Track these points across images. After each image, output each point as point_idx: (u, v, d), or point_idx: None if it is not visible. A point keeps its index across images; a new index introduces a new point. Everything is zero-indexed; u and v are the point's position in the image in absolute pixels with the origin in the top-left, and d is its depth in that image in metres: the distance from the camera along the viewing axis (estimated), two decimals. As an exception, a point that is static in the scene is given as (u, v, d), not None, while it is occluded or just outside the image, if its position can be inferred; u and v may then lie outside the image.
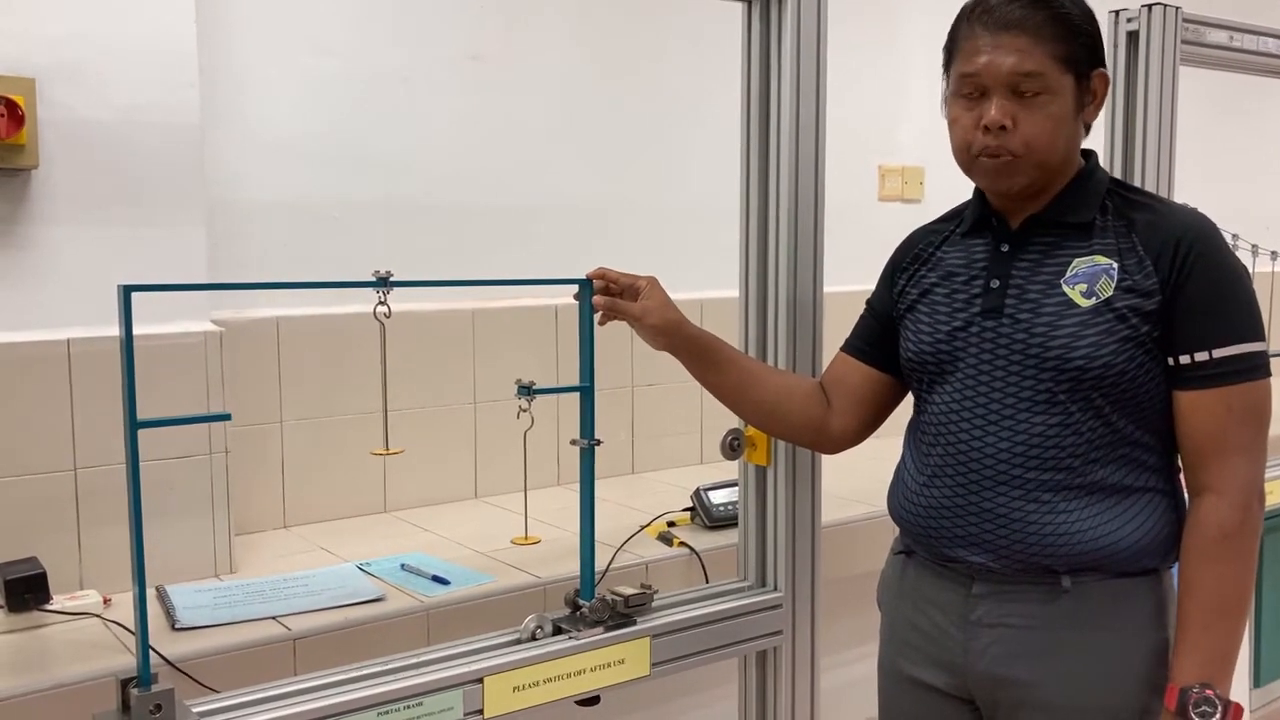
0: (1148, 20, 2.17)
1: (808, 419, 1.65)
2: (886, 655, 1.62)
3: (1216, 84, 2.82)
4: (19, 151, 1.80)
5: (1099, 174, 1.47)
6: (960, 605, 1.48)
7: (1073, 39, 1.39)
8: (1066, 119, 1.40)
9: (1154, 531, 1.41)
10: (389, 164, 2.50)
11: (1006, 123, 1.38)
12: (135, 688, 1.29)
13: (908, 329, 1.55)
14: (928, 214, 1.67)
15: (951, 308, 1.49)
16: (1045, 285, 1.42)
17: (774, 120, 1.76)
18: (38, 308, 1.89)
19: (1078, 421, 1.39)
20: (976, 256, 1.50)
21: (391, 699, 1.43)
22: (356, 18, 2.45)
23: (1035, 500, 1.40)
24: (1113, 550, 1.39)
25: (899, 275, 1.60)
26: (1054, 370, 1.38)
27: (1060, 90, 1.38)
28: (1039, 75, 1.37)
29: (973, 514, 1.44)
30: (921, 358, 1.52)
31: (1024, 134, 1.38)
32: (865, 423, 1.65)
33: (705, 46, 2.76)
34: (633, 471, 2.84)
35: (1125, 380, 1.37)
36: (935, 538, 1.49)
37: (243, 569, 2.06)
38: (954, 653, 1.49)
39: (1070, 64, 1.39)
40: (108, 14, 1.90)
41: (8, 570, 1.77)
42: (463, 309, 2.55)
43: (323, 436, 2.38)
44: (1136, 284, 1.37)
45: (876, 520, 2.42)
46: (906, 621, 1.56)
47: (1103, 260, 1.39)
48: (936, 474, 1.49)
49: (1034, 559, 1.41)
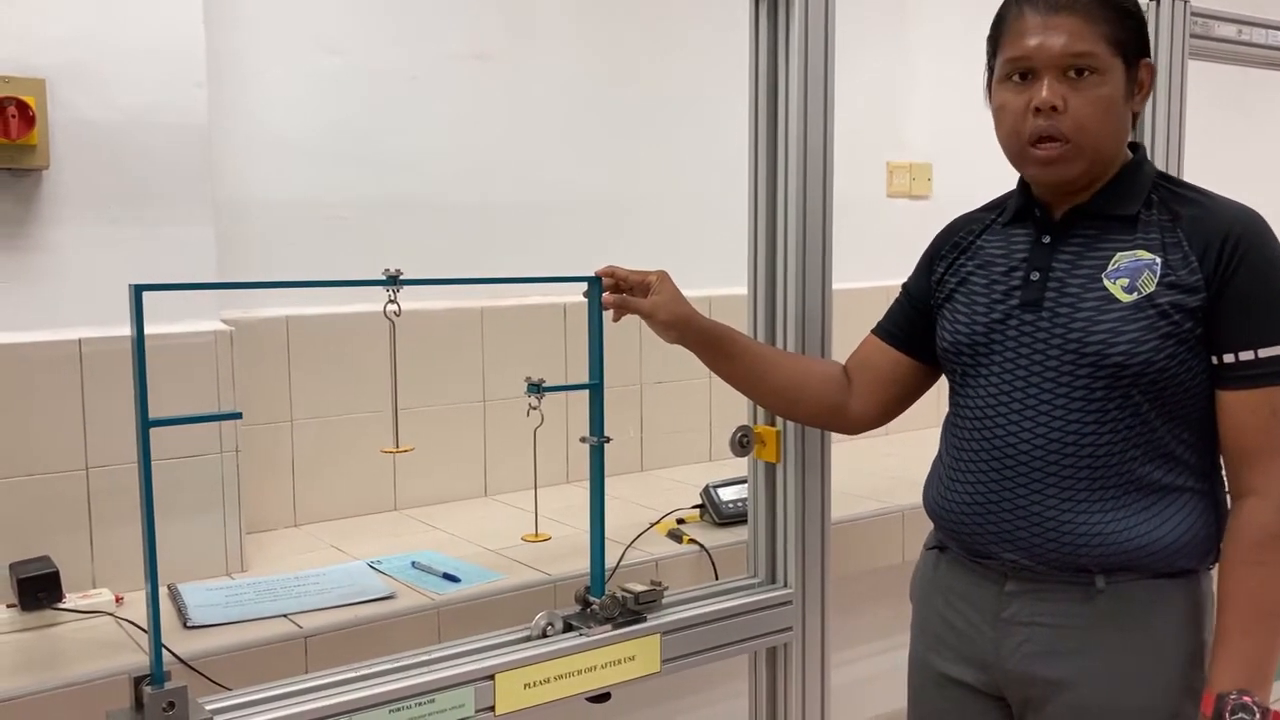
0: (1156, 13, 2.15)
1: (825, 402, 1.64)
2: (917, 650, 1.61)
3: (1224, 78, 2.81)
4: (30, 152, 1.81)
5: (1146, 167, 1.45)
6: (993, 602, 1.47)
7: (1123, 22, 1.38)
8: (1117, 104, 1.38)
9: (1191, 532, 1.38)
10: (396, 163, 2.50)
11: (1058, 103, 1.35)
12: (148, 685, 1.30)
13: (945, 318, 1.54)
14: (936, 210, 1.67)
15: (990, 299, 1.48)
16: (1086, 279, 1.40)
17: (782, 116, 1.75)
18: (49, 308, 1.90)
19: (1115, 419, 1.37)
20: (1017, 247, 1.48)
21: (403, 696, 1.43)
22: (363, 17, 2.46)
23: (1070, 498, 1.39)
24: (1149, 550, 1.37)
25: (937, 263, 1.58)
26: (1092, 366, 1.36)
27: (1111, 72, 1.36)
28: (1091, 55, 1.35)
29: (1006, 510, 1.43)
30: (958, 347, 1.50)
31: (1076, 116, 1.36)
32: (886, 407, 1.64)
33: (712, 42, 2.76)
34: (642, 469, 2.84)
35: (1166, 378, 1.35)
36: (968, 533, 1.48)
37: (253, 567, 2.07)
38: (985, 650, 1.48)
39: (1120, 48, 1.37)
40: (117, 15, 1.91)
41: (21, 569, 1.78)
42: (471, 307, 2.56)
43: (332, 435, 2.39)
44: (1180, 280, 1.34)
45: (889, 516, 2.43)
46: (938, 617, 1.55)
47: (1146, 255, 1.37)
48: (970, 469, 1.47)
49: (1067, 558, 1.39)
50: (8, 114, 1.77)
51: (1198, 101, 2.17)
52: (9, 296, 1.87)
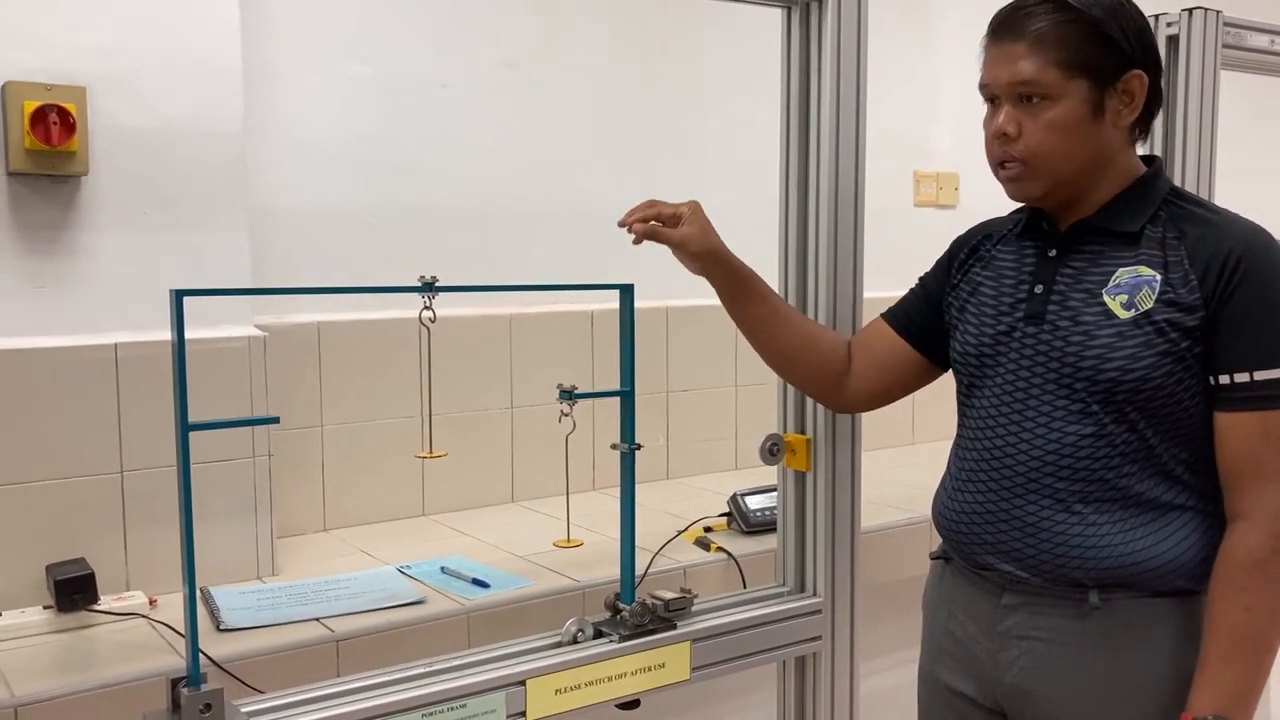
0: (1188, 24, 2.15)
1: (825, 373, 1.65)
2: (925, 662, 1.62)
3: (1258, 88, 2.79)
4: (70, 158, 1.84)
5: (1158, 182, 1.44)
6: (990, 615, 1.47)
7: (1086, 43, 1.36)
8: (1074, 125, 1.37)
9: (1190, 552, 1.37)
10: (426, 170, 2.52)
11: (1010, 129, 1.39)
12: (185, 687, 1.31)
13: (956, 327, 1.55)
14: (963, 219, 1.67)
15: (998, 309, 1.49)
16: (1087, 294, 1.40)
17: (814, 125, 1.76)
18: (86, 312, 1.92)
19: (1111, 433, 1.36)
20: (1026, 259, 1.50)
21: (436, 700, 1.44)
22: (394, 27, 2.48)
23: (1065, 510, 1.39)
24: (1143, 566, 1.36)
25: (954, 267, 1.60)
26: (1088, 381, 1.37)
27: (1063, 96, 1.36)
28: (1035, 83, 1.37)
29: (1003, 520, 1.43)
30: (965, 357, 1.52)
31: (1028, 141, 1.39)
32: (879, 391, 1.65)
33: (741, 51, 2.77)
34: (668, 476, 2.84)
35: (1162, 395, 1.34)
36: (968, 543, 1.49)
37: (284, 571, 2.09)
38: (984, 662, 1.48)
39: (1079, 69, 1.36)
40: (156, 25, 1.94)
41: (57, 571, 1.80)
42: (500, 314, 2.57)
43: (362, 440, 2.40)
44: (1179, 297, 1.34)
45: (916, 526, 2.42)
46: (943, 629, 1.56)
47: (1146, 271, 1.37)
48: (971, 479, 1.48)
49: (1061, 570, 1.39)
50: (49, 121, 1.79)
51: (1241, 115, 2.15)
52: (48, 301, 1.89)
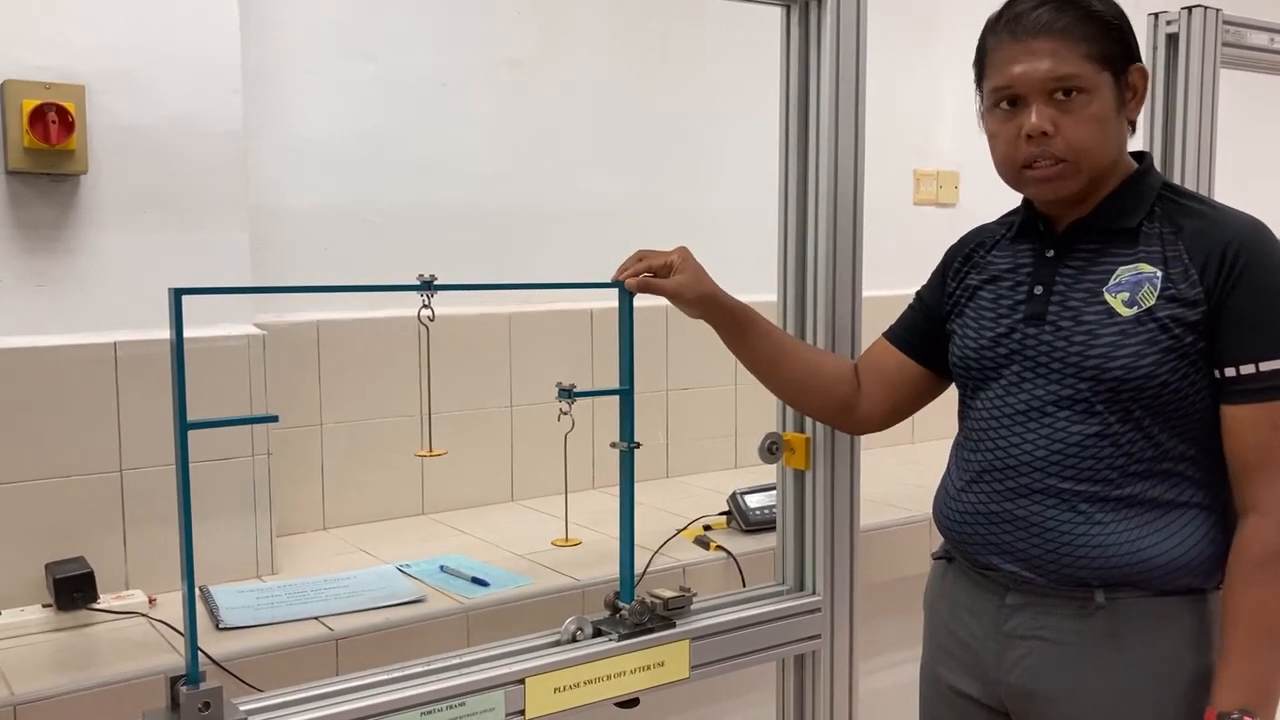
0: (1188, 22, 2.15)
1: (834, 398, 1.65)
2: (926, 661, 1.62)
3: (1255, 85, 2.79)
4: (69, 157, 1.83)
5: (1150, 178, 1.43)
6: (994, 615, 1.47)
7: (1104, 36, 1.36)
8: (1109, 118, 1.38)
9: (1196, 549, 1.36)
10: (428, 169, 2.51)
11: (1048, 128, 1.35)
12: (184, 685, 1.31)
13: (955, 333, 1.55)
14: (963, 218, 1.67)
15: (996, 313, 1.49)
16: (1087, 293, 1.40)
17: (813, 124, 1.76)
18: (85, 311, 1.92)
19: (1116, 433, 1.36)
20: (1023, 261, 1.49)
21: (435, 699, 1.44)
22: (395, 25, 2.48)
23: (1070, 510, 1.38)
24: (1149, 566, 1.36)
25: (949, 277, 1.59)
26: (1092, 380, 1.36)
27: (1098, 89, 1.36)
28: (1075, 76, 1.35)
29: (1007, 521, 1.43)
30: (966, 363, 1.51)
31: (1068, 138, 1.36)
32: (892, 409, 1.65)
33: (742, 50, 2.76)
34: (667, 475, 2.84)
35: (1167, 392, 1.34)
36: (971, 544, 1.48)
37: (284, 570, 2.09)
38: (988, 663, 1.48)
39: (1105, 61, 1.36)
40: (156, 24, 1.93)
41: (57, 569, 1.80)
42: (500, 313, 2.57)
43: (361, 439, 2.40)
44: (1180, 293, 1.33)
45: (915, 525, 2.42)
46: (945, 628, 1.56)
47: (1147, 268, 1.36)
48: (975, 479, 1.48)
49: (1066, 570, 1.39)
50: (48, 120, 1.79)
51: (1240, 111, 2.15)
52: (47, 300, 1.89)
